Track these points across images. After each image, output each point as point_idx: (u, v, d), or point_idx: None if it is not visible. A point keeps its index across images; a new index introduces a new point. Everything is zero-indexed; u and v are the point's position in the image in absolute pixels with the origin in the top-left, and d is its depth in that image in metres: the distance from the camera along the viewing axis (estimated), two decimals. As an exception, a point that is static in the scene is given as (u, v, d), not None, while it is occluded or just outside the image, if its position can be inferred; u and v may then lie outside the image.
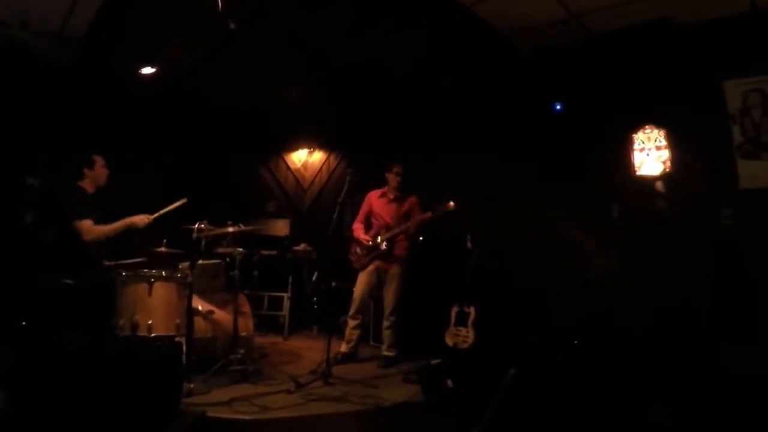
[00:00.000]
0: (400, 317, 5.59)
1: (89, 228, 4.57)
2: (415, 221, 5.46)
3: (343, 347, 5.65)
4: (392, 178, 5.67)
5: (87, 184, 4.86)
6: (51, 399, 2.99)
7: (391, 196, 5.69)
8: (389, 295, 5.56)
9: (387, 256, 5.52)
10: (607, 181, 5.50)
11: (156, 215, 4.89)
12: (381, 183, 5.81)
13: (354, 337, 5.67)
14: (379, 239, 5.53)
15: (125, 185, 5.15)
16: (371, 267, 5.60)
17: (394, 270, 5.55)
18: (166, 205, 4.94)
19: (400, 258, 5.57)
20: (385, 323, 5.60)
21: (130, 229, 4.81)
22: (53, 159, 5.72)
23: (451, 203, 5.27)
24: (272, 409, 4.02)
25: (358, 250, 5.69)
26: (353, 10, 5.24)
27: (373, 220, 5.73)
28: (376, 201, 5.74)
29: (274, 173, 8.68)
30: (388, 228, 5.55)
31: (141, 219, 4.81)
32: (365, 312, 5.75)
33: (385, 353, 5.53)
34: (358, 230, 5.74)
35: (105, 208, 4.86)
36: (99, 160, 4.93)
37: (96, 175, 4.91)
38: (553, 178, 5.59)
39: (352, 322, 5.65)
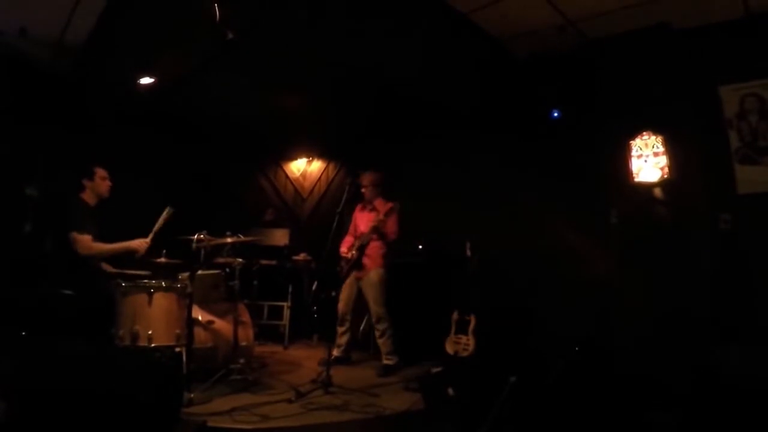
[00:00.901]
0: (393, 324, 5.56)
1: (86, 243, 4.56)
2: (369, 228, 5.48)
3: (335, 351, 5.69)
4: (363, 190, 5.73)
5: (88, 196, 4.86)
6: (51, 409, 2.98)
7: (369, 207, 5.72)
8: (370, 304, 5.59)
9: (358, 265, 5.54)
10: (606, 187, 5.50)
11: (151, 236, 4.88)
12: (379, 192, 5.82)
13: (343, 342, 5.78)
14: (354, 250, 5.58)
15: (123, 195, 5.14)
16: (349, 279, 5.67)
17: (369, 279, 5.58)
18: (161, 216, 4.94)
19: (372, 266, 5.59)
20: (376, 333, 5.61)
21: (129, 253, 4.82)
22: (52, 168, 5.72)
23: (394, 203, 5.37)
24: (272, 419, 4.01)
25: (342, 262, 5.76)
26: (351, 18, 5.26)
27: (356, 231, 5.78)
28: (358, 213, 5.83)
29: (273, 183, 8.69)
30: (361, 238, 5.59)
31: (140, 244, 4.80)
32: (349, 320, 5.77)
33: (385, 361, 5.52)
34: (343, 244, 5.81)
35: (103, 217, 4.87)
36: (99, 172, 4.93)
37: (96, 186, 4.91)
38: (551, 184, 5.60)
39: (339, 329, 5.77)
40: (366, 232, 5.51)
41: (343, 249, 5.76)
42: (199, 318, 4.93)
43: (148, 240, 4.85)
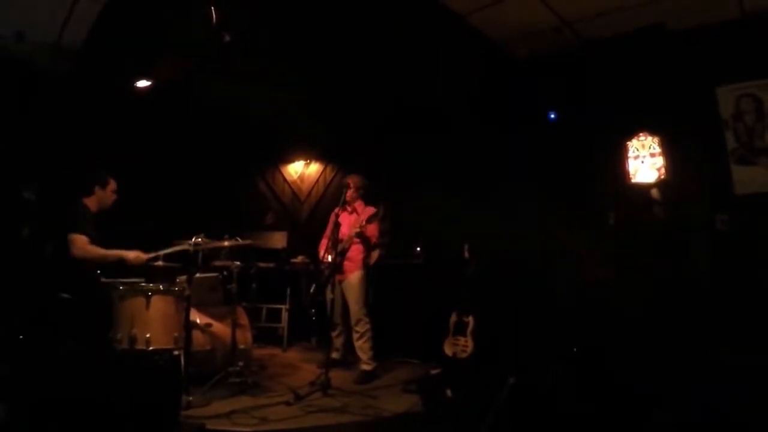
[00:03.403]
0: (374, 328, 5.49)
1: (82, 244, 4.52)
2: (352, 232, 5.39)
3: (334, 354, 5.65)
4: (346, 192, 5.65)
5: (91, 202, 4.83)
6: (50, 412, 2.98)
7: (349, 209, 5.68)
8: (350, 306, 5.52)
9: (339, 268, 5.49)
10: (603, 188, 5.52)
11: (152, 256, 4.78)
12: (376, 194, 5.80)
13: (339, 345, 5.77)
14: (335, 254, 5.47)
15: (120, 199, 5.13)
16: (333, 281, 5.60)
17: (349, 281, 5.52)
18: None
19: (352, 269, 5.53)
20: (354, 335, 5.52)
21: (121, 262, 4.76)
22: (50, 172, 5.72)
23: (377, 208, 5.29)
24: (271, 421, 4.02)
25: (322, 266, 5.69)
26: (348, 22, 5.27)
27: (338, 233, 5.68)
28: (340, 215, 5.52)
29: (270, 185, 8.68)
30: (342, 242, 5.49)
31: (135, 257, 4.71)
32: (341, 324, 5.71)
33: (363, 367, 5.42)
34: (321, 247, 5.75)
35: (100, 221, 4.86)
36: (112, 183, 4.92)
37: (105, 196, 4.89)
38: (549, 185, 5.61)
39: (332, 333, 5.70)
40: (347, 236, 5.45)
41: (321, 252, 5.68)
42: (197, 321, 4.93)
43: (144, 257, 4.77)
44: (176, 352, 4.31)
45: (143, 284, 4.41)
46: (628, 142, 5.36)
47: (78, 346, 4.04)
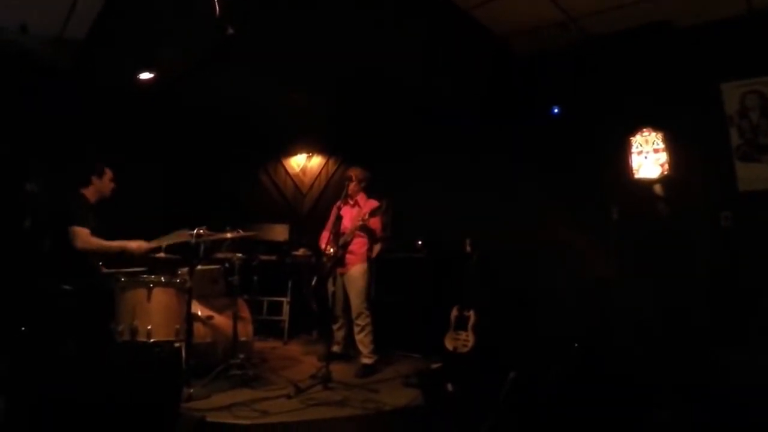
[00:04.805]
0: (375, 322, 5.47)
1: (85, 236, 4.52)
2: (354, 225, 5.35)
3: (335, 347, 5.66)
4: (349, 184, 5.62)
5: (90, 193, 4.83)
6: (51, 405, 2.98)
7: (351, 202, 5.65)
8: (351, 299, 5.50)
9: (341, 261, 5.46)
10: (606, 184, 5.50)
11: (154, 244, 4.78)
12: (378, 187, 5.79)
13: (340, 338, 5.76)
14: (337, 247, 5.44)
15: (123, 191, 5.13)
16: (335, 274, 5.57)
17: (351, 274, 5.49)
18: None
19: (355, 262, 5.50)
20: (355, 329, 5.50)
21: (123, 252, 4.77)
22: (52, 164, 5.71)
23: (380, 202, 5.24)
24: (272, 414, 4.01)
25: (324, 259, 5.65)
26: (352, 15, 5.24)
27: (340, 226, 5.55)
28: (342, 208, 5.51)
29: (273, 178, 8.68)
30: (344, 235, 5.45)
31: (137, 246, 4.72)
32: (342, 317, 5.69)
33: (364, 360, 5.40)
34: (321, 239, 5.71)
35: (103, 212, 4.85)
36: (109, 173, 4.91)
37: (103, 185, 4.88)
38: (552, 180, 5.60)
39: (334, 326, 5.70)
40: (350, 229, 5.39)
41: (322, 245, 5.61)
42: (199, 313, 4.93)
43: (145, 246, 4.79)
44: (177, 345, 4.32)
45: (145, 276, 4.41)
46: (631, 138, 5.34)
47: (79, 338, 4.05)
